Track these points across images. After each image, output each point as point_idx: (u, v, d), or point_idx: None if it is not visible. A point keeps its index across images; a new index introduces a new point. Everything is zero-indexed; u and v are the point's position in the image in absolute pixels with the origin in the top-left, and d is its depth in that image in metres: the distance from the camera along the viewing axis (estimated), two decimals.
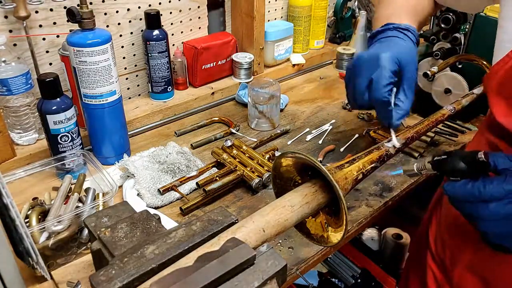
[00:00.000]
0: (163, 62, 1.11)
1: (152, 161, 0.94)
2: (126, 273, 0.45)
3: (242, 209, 0.85)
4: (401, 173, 0.67)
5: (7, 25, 0.91)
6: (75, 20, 0.82)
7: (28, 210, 0.76)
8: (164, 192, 0.87)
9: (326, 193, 0.60)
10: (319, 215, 0.64)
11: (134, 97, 1.20)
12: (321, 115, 1.20)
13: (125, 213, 0.60)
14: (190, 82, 1.25)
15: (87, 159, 0.86)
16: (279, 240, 0.77)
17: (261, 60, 1.33)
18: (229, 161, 0.93)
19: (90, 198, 0.78)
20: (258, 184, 0.87)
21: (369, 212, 0.85)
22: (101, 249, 0.53)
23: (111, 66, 0.87)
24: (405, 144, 0.76)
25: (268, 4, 1.39)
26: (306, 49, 1.50)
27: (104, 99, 0.89)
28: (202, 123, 1.13)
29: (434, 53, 1.08)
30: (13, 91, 0.89)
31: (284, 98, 1.24)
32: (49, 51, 0.99)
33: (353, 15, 1.60)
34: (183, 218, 0.83)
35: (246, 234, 0.51)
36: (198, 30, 1.26)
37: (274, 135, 1.08)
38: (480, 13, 1.03)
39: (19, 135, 0.95)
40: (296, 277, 0.74)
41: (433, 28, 1.11)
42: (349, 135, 1.10)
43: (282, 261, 0.50)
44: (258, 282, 0.46)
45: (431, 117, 0.85)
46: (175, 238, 0.51)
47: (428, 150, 1.03)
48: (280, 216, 0.55)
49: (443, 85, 1.08)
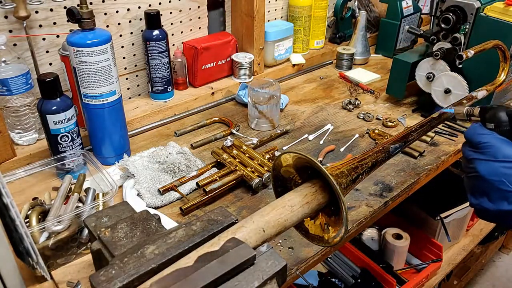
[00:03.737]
0: (163, 62, 1.11)
1: (152, 161, 0.94)
2: (126, 273, 0.45)
3: (242, 209, 0.85)
4: (452, 111, 0.71)
5: (7, 25, 0.91)
6: (75, 20, 0.82)
7: (28, 210, 0.76)
8: (164, 192, 0.87)
9: (326, 193, 0.60)
10: (319, 215, 0.64)
11: (134, 97, 1.20)
12: (321, 115, 1.20)
13: (125, 213, 0.60)
14: (190, 82, 1.25)
15: (87, 159, 0.86)
16: (279, 240, 0.77)
17: (261, 60, 1.33)
18: (229, 161, 0.93)
19: (90, 198, 0.78)
20: (258, 184, 0.87)
21: (369, 212, 0.85)
22: (101, 249, 0.53)
23: (111, 66, 0.87)
24: (405, 143, 0.75)
25: (268, 4, 1.39)
26: (306, 49, 1.50)
27: (104, 99, 0.89)
28: (202, 123, 1.13)
29: (434, 53, 1.08)
30: (13, 91, 0.89)
31: (284, 98, 1.24)
32: (49, 51, 0.99)
33: (353, 15, 1.60)
34: (183, 218, 0.83)
35: (246, 234, 0.51)
36: (198, 30, 1.26)
37: (274, 135, 1.08)
38: (480, 13, 1.03)
39: (19, 135, 0.95)
40: (296, 277, 0.74)
41: (433, 28, 1.11)
42: (349, 135, 1.10)
43: (282, 261, 0.50)
44: (258, 282, 0.46)
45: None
46: (175, 238, 0.51)
47: (428, 150, 1.03)
48: (280, 216, 0.55)
49: (443, 85, 1.08)
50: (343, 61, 1.46)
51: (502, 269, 2.03)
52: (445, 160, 1.01)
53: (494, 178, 0.57)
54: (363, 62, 1.53)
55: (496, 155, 0.57)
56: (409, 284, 1.33)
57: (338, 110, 1.22)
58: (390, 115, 1.18)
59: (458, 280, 1.74)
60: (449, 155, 1.02)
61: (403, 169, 0.97)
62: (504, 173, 0.56)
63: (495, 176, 0.57)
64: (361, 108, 1.23)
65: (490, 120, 0.61)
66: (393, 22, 1.50)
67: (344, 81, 1.40)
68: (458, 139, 1.07)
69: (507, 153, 0.57)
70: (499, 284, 1.96)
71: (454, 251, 1.61)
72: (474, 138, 0.60)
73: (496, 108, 0.61)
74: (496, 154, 0.57)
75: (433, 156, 1.02)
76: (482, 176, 0.58)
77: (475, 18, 1.04)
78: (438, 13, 1.08)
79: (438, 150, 1.04)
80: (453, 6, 1.05)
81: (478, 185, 0.60)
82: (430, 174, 0.98)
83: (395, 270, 1.39)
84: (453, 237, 1.57)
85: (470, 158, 0.61)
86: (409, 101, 1.26)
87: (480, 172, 0.59)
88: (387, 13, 1.52)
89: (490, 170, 0.57)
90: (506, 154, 0.57)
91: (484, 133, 0.60)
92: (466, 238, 1.66)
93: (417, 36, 1.19)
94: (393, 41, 1.53)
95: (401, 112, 1.21)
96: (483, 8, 1.03)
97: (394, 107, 1.23)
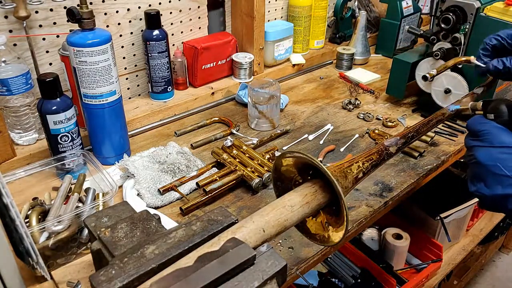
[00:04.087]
0: (163, 62, 1.11)
1: (152, 161, 0.94)
2: (126, 273, 0.45)
3: (242, 209, 0.85)
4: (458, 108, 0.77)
5: (7, 25, 0.91)
6: (75, 20, 0.82)
7: (28, 210, 0.76)
8: (164, 192, 0.87)
9: (326, 193, 0.60)
10: (320, 215, 0.64)
11: (134, 97, 1.20)
12: (321, 115, 1.20)
13: (125, 213, 0.60)
14: (190, 82, 1.25)
15: (87, 159, 0.86)
16: (279, 240, 0.77)
17: (261, 60, 1.33)
18: (229, 161, 0.93)
19: (90, 198, 0.78)
20: (258, 184, 0.87)
21: (369, 212, 0.85)
22: (101, 249, 0.53)
23: (111, 66, 0.87)
24: (405, 143, 0.76)
25: (268, 4, 1.39)
26: (306, 49, 1.50)
27: (104, 99, 0.89)
28: (202, 123, 1.13)
29: (434, 53, 1.08)
30: (13, 91, 0.89)
31: (284, 98, 1.24)
32: (49, 51, 0.99)
33: (353, 15, 1.60)
34: (183, 218, 0.83)
35: (246, 234, 0.51)
36: (198, 30, 1.26)
37: (274, 135, 1.08)
38: (480, 13, 1.03)
39: (19, 135, 0.95)
40: (296, 277, 0.74)
41: (433, 28, 1.11)
42: (349, 135, 1.10)
43: (282, 261, 0.50)
44: (258, 282, 0.46)
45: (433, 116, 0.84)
46: (175, 238, 0.51)
47: (428, 150, 1.03)
48: (280, 216, 0.55)
49: (443, 85, 1.08)
50: (343, 61, 1.46)
51: (502, 269, 2.03)
52: (445, 160, 1.01)
53: (490, 163, 0.60)
54: (363, 62, 1.53)
55: (493, 141, 0.60)
56: (409, 284, 1.33)
57: (338, 110, 1.22)
58: (390, 115, 1.18)
59: (458, 280, 1.74)
60: (449, 155, 1.02)
61: (403, 169, 0.97)
62: (499, 157, 0.59)
63: (491, 161, 0.60)
64: (361, 108, 1.23)
65: (491, 111, 0.64)
66: (393, 22, 1.50)
67: (344, 81, 1.40)
68: (458, 139, 1.07)
69: (503, 139, 0.60)
70: (499, 284, 1.96)
71: (454, 251, 1.61)
72: (474, 127, 0.64)
73: (497, 100, 0.64)
74: (493, 140, 0.60)
75: (433, 156, 1.02)
76: (479, 162, 0.61)
77: (475, 18, 1.04)
78: (438, 13, 1.08)
79: (438, 150, 1.04)
80: (453, 6, 1.05)
81: (476, 171, 0.62)
82: (430, 174, 0.98)
83: (395, 270, 1.39)
84: (453, 237, 1.57)
85: (470, 145, 0.64)
86: (409, 101, 1.26)
87: (477, 158, 0.61)
88: (387, 13, 1.52)
89: (487, 155, 0.60)
90: (502, 141, 0.59)
91: (484, 122, 0.63)
92: (466, 238, 1.66)
93: (417, 36, 1.19)
94: (393, 41, 1.53)
95: (401, 112, 1.21)
96: (483, 8, 1.03)
97: (394, 107, 1.23)
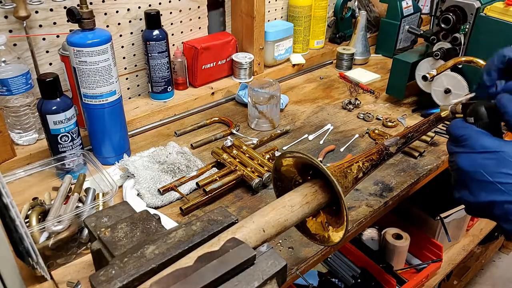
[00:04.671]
0: (163, 62, 1.11)
1: (152, 161, 0.94)
2: (126, 273, 0.45)
3: (242, 209, 0.85)
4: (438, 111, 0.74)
5: (7, 25, 0.91)
6: (75, 20, 0.82)
7: (28, 210, 0.76)
8: (164, 192, 0.87)
9: (327, 193, 0.60)
10: (320, 215, 0.64)
11: (134, 97, 1.20)
12: (321, 115, 1.20)
13: (125, 213, 0.60)
14: (190, 82, 1.25)
15: (87, 159, 0.86)
16: (279, 240, 0.77)
17: (261, 60, 1.33)
18: (229, 161, 0.93)
19: (90, 198, 0.78)
20: (258, 184, 0.87)
21: (369, 212, 0.85)
22: (101, 249, 0.53)
23: (111, 66, 0.87)
24: (405, 143, 0.75)
25: (268, 4, 1.39)
26: (306, 49, 1.50)
27: (104, 99, 0.89)
28: (202, 123, 1.13)
29: (434, 53, 1.08)
30: (13, 91, 0.89)
31: (284, 98, 1.24)
32: (49, 51, 0.99)
33: (353, 15, 1.60)
34: (183, 218, 0.83)
35: (246, 234, 0.51)
36: (198, 30, 1.26)
37: (274, 135, 1.08)
38: (480, 13, 1.03)
39: (19, 135, 0.95)
40: (296, 277, 0.74)
41: (433, 28, 1.11)
42: (349, 135, 1.10)
43: (282, 261, 0.50)
44: (258, 282, 0.46)
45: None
46: (175, 238, 0.51)
47: (428, 150, 1.03)
48: (280, 216, 0.55)
49: (443, 85, 1.08)
50: (343, 61, 1.46)
51: (502, 269, 2.03)
52: (445, 160, 1.01)
53: (472, 169, 0.57)
54: (363, 62, 1.53)
55: (475, 146, 0.58)
56: (409, 284, 1.33)
57: (338, 110, 1.22)
58: (390, 115, 1.18)
59: (458, 280, 1.74)
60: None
61: (403, 169, 0.97)
62: (481, 163, 0.57)
63: (473, 167, 0.57)
64: (361, 108, 1.23)
65: (470, 114, 0.62)
66: (393, 22, 1.50)
67: (344, 81, 1.40)
68: None
69: (484, 144, 0.57)
70: (499, 284, 1.96)
71: (454, 251, 1.61)
72: (454, 132, 0.61)
73: (475, 103, 0.62)
74: (475, 145, 0.58)
75: (433, 156, 1.02)
76: (462, 169, 0.59)
77: (475, 18, 1.04)
78: (438, 13, 1.08)
79: (438, 150, 1.04)
80: (453, 6, 1.05)
81: (459, 178, 0.60)
82: (430, 174, 0.98)
83: (395, 270, 1.39)
84: (453, 237, 1.57)
85: (452, 151, 0.62)
86: (409, 101, 1.26)
87: (459, 165, 0.59)
88: (387, 13, 1.52)
89: (469, 161, 0.58)
90: (483, 145, 0.57)
91: (464, 126, 0.61)
92: (466, 238, 1.66)
93: (417, 36, 1.19)
94: (393, 41, 1.53)
95: (401, 112, 1.21)
96: (483, 8, 1.03)
97: (394, 107, 1.23)
